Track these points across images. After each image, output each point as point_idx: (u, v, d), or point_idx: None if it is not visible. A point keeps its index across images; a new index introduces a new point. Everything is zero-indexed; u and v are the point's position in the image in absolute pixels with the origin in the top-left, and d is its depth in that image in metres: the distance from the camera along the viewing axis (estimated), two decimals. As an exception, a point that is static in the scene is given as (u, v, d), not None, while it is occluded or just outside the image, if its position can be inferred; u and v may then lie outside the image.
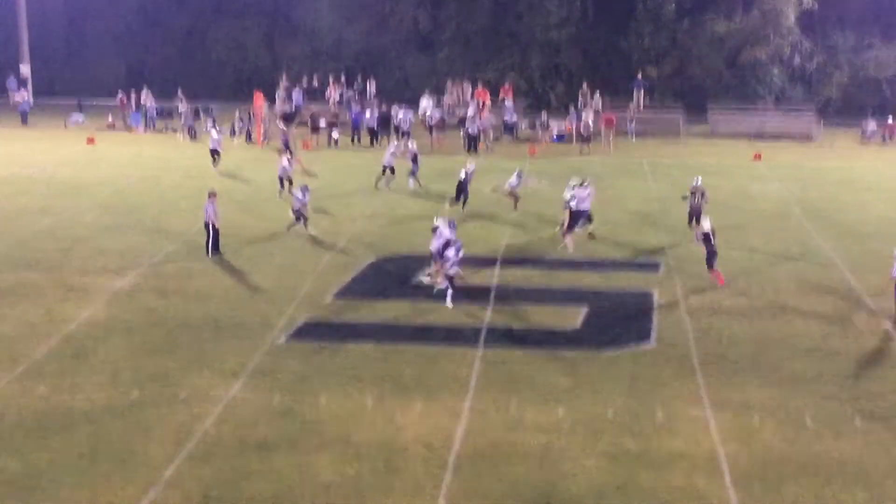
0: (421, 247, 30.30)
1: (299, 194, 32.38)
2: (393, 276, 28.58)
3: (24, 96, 56.66)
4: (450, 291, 26.17)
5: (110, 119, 55.28)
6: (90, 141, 49.11)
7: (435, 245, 27.62)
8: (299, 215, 32.10)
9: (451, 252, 26.48)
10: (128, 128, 54.86)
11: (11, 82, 59.57)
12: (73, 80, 63.45)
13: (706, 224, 28.46)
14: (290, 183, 36.83)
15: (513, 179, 36.76)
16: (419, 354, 22.87)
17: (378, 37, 66.01)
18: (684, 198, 34.46)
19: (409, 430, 19.06)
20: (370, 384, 21.16)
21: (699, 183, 34.17)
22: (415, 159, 40.09)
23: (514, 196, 36.64)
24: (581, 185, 32.71)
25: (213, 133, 43.74)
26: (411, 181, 39.75)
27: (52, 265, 28.99)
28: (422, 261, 29.16)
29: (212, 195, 30.52)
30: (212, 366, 22.01)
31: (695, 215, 33.36)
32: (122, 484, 16.90)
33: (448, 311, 25.61)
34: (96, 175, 41.54)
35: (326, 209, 35.89)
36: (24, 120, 54.94)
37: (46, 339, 23.28)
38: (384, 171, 39.61)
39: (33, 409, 19.71)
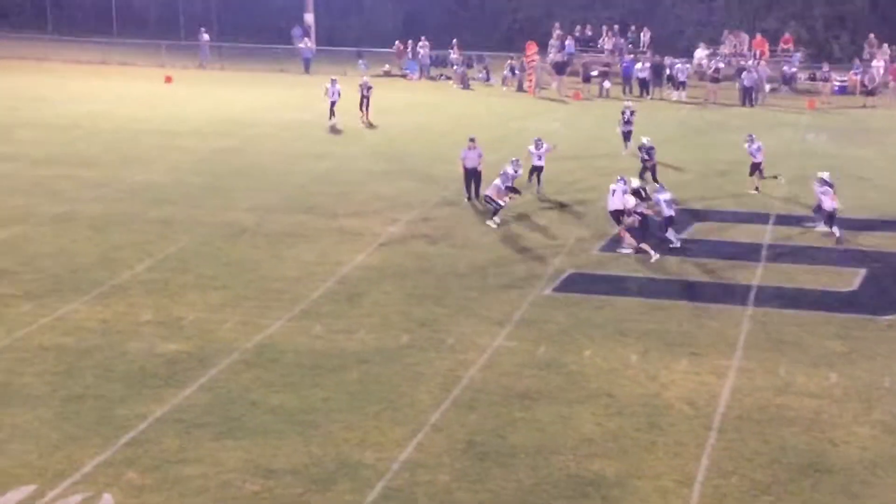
0: (683, 203, 29.83)
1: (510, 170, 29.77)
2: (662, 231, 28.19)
3: (307, 44, 58.59)
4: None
5: (386, 67, 56.61)
6: (368, 88, 50.45)
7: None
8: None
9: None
10: (403, 75, 56.05)
11: (296, 31, 61.72)
12: (353, 30, 65.19)
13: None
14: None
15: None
16: (686, 311, 22.52)
17: (654, -15, 64.86)
18: None
19: (673, 388, 18.83)
20: (635, 339, 21.01)
21: None
22: (629, 121, 37.31)
23: None
24: None
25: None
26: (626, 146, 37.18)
27: (328, 209, 30.01)
28: (690, 214, 28.78)
29: (472, 141, 30.99)
30: (478, 314, 22.35)
31: None
32: (391, 425, 17.42)
33: (718, 269, 25.11)
34: (372, 121, 42.67)
35: (592, 162, 35.65)
36: (307, 67, 56.91)
37: (322, 281, 24.18)
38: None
39: (309, 348, 20.55)
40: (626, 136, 36.71)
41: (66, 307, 22.45)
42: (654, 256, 25.67)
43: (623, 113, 37.33)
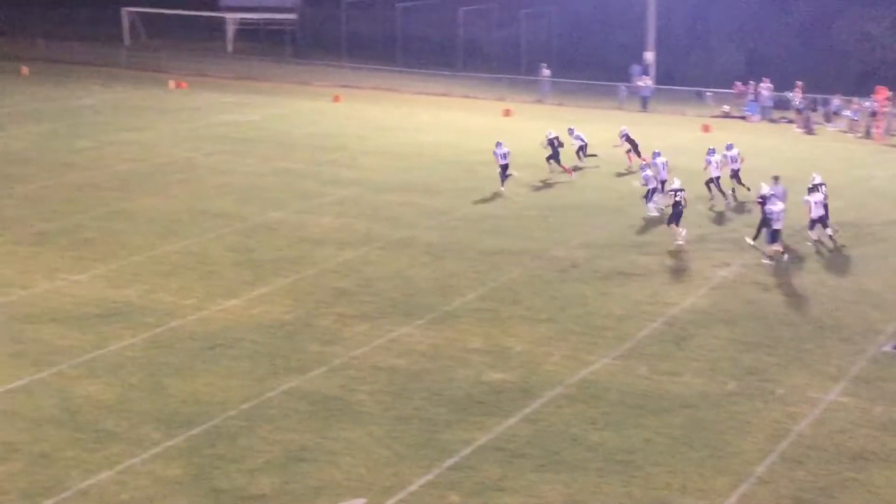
0: None
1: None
2: None
3: (646, 82, 58.44)
4: None
5: (725, 108, 55.69)
6: (705, 128, 49.75)
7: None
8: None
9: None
10: (742, 116, 54.95)
11: (635, 69, 61.68)
12: (693, 68, 64.49)
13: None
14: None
15: None
16: None
17: None
18: None
19: None
20: (984, 406, 19.65)
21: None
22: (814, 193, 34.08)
23: None
24: None
25: None
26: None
27: (660, 249, 29.72)
28: None
29: (775, 180, 30.86)
30: (811, 366, 21.54)
31: None
32: (714, 473, 17.03)
33: None
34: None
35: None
36: (644, 106, 56.78)
37: (650, 321, 23.98)
38: None
39: (633, 387, 20.42)
40: None
41: (400, 330, 23.29)
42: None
43: None
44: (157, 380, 20.47)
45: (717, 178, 34.98)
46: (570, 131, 41.67)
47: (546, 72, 59.95)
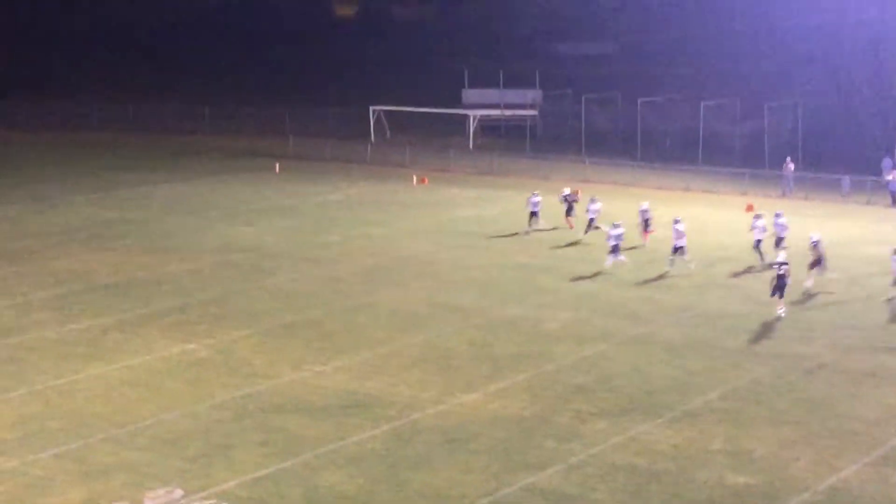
0: None
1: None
2: None
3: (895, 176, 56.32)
4: None
5: None
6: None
7: None
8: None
9: None
10: None
11: (886, 162, 59.58)
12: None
13: None
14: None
15: None
16: None
17: None
18: None
19: None
20: None
21: None
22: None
23: None
24: None
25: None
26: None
27: (914, 350, 28.41)
28: None
29: None
30: None
31: None
32: None
33: None
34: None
35: None
36: (895, 201, 54.69)
37: (905, 426, 22.88)
38: None
39: (886, 496, 19.47)
40: None
41: (639, 428, 22.93)
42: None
43: None
44: (398, 472, 20.73)
45: (759, 241, 38.23)
46: (592, 201, 44.86)
47: (790, 166, 58.59)
